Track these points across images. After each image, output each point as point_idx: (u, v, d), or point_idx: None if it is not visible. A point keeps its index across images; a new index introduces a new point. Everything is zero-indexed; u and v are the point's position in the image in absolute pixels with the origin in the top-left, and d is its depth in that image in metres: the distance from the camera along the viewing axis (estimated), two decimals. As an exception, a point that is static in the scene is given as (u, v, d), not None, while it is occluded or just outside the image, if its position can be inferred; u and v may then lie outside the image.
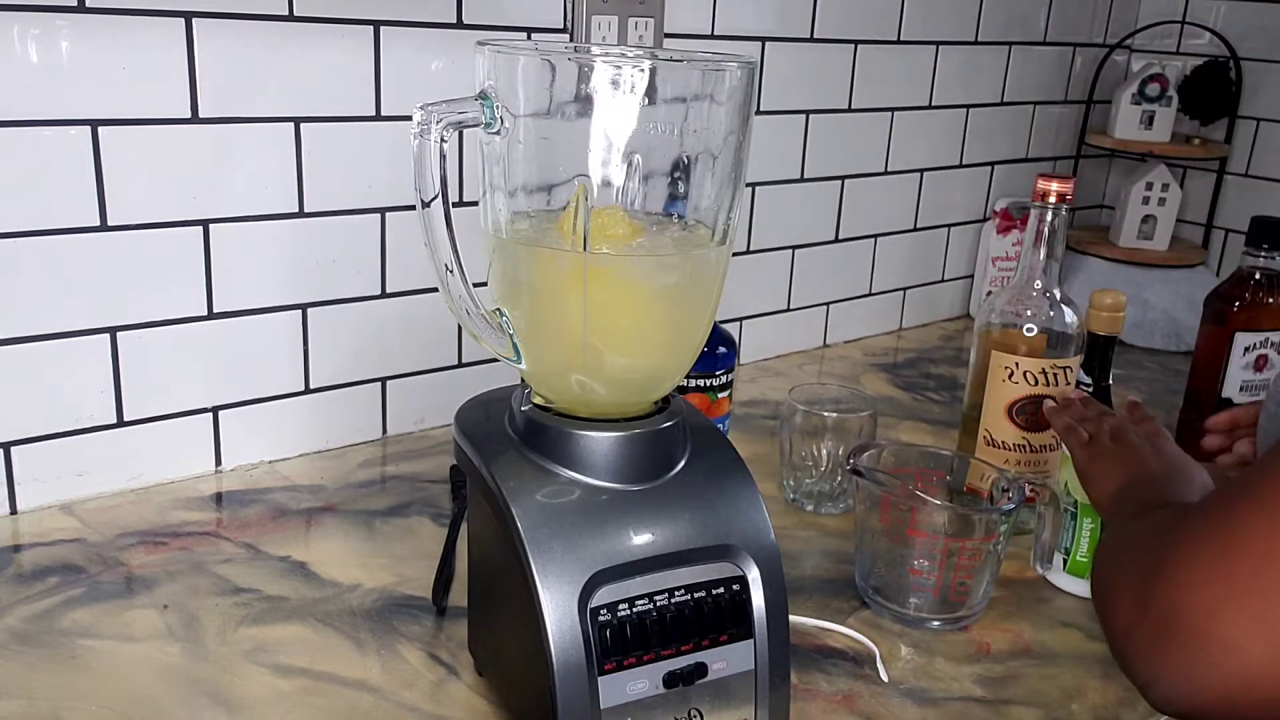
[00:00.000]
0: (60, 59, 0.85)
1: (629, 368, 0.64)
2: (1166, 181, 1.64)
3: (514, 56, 0.60)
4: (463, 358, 1.15)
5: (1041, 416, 0.96)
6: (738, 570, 0.64)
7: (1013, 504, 0.83)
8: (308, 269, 1.02)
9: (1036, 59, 1.64)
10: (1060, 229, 0.95)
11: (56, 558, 0.86)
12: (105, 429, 0.94)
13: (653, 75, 0.59)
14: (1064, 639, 0.84)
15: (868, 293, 1.56)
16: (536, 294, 0.63)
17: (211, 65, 0.92)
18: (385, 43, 1.01)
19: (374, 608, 0.82)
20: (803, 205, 1.42)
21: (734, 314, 1.39)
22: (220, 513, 0.95)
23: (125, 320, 0.93)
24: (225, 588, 0.83)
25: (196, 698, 0.71)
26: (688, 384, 0.98)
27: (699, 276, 0.64)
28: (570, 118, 0.59)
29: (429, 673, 0.75)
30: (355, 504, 0.98)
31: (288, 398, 1.04)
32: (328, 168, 1.01)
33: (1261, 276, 1.12)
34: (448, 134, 0.58)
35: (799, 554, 0.95)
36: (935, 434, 1.23)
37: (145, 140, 0.90)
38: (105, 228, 0.90)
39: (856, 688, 0.76)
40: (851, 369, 1.45)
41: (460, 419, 0.69)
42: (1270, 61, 1.65)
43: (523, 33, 1.10)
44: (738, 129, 0.63)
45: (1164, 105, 1.63)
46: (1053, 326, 0.96)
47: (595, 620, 0.60)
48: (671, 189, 0.63)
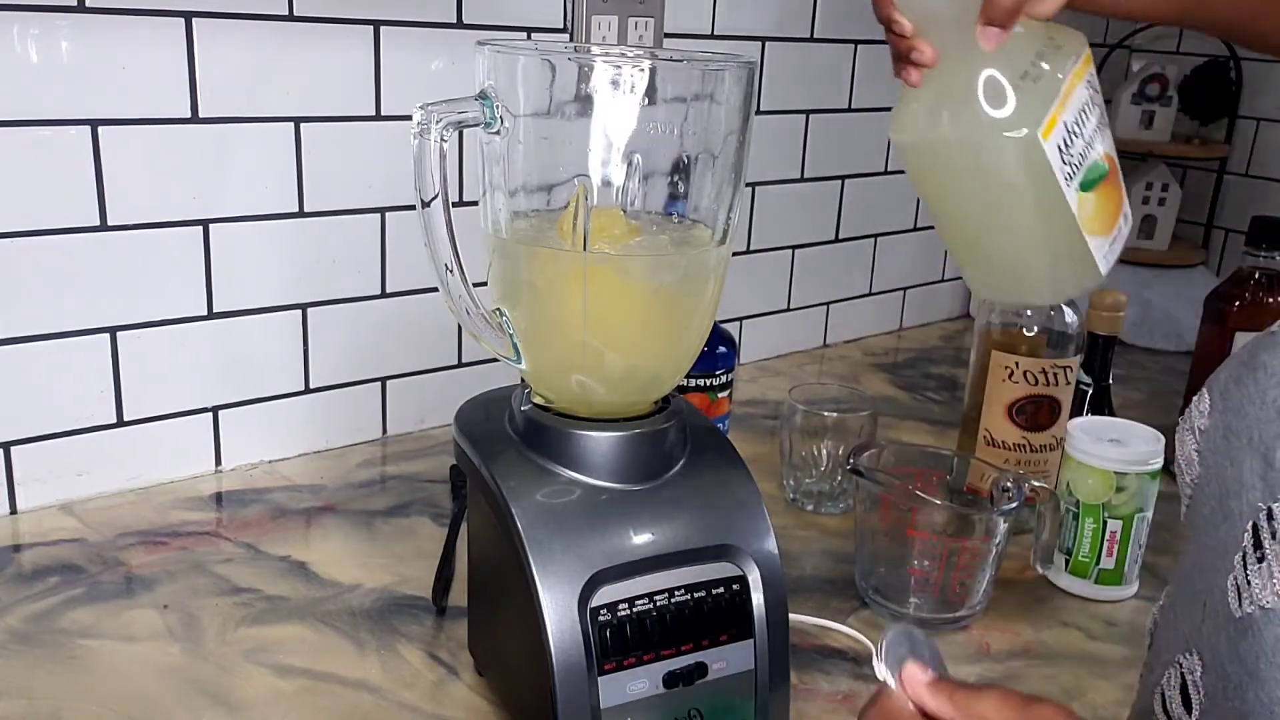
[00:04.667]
0: (60, 59, 0.85)
1: (629, 367, 0.64)
2: (1166, 181, 1.64)
3: (514, 56, 0.60)
4: (463, 358, 1.15)
5: (1042, 416, 0.96)
6: (738, 570, 0.64)
7: (1013, 504, 0.83)
8: (307, 269, 1.02)
9: (1036, 59, 1.64)
10: (1060, 229, 0.95)
11: (56, 558, 0.86)
12: (105, 429, 0.94)
13: (653, 75, 0.59)
14: (1064, 639, 0.84)
15: (868, 293, 1.56)
16: (536, 294, 0.63)
17: (211, 65, 0.92)
18: (385, 43, 1.01)
19: (374, 608, 0.82)
20: (803, 205, 1.42)
21: (734, 314, 1.39)
22: (220, 513, 0.95)
23: (125, 320, 0.93)
24: (225, 588, 0.83)
25: (196, 698, 0.71)
26: (688, 384, 0.98)
27: (699, 276, 0.64)
28: (570, 118, 0.59)
29: (429, 673, 0.75)
30: (355, 504, 0.98)
31: (287, 397, 1.04)
32: (328, 168, 1.01)
33: (1261, 276, 1.12)
34: (448, 134, 0.58)
35: (799, 554, 0.95)
36: (935, 434, 1.23)
37: (145, 140, 0.90)
38: (105, 228, 0.90)
39: (856, 688, 0.76)
40: (851, 369, 1.45)
41: (460, 419, 0.69)
42: (1270, 61, 1.64)
43: (523, 33, 1.10)
44: (738, 129, 0.63)
45: (1164, 105, 1.63)
46: (1053, 326, 0.96)
47: (595, 620, 0.60)
48: (671, 189, 0.63)
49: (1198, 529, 0.49)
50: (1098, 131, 0.64)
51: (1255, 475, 0.45)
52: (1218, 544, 0.47)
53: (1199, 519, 0.49)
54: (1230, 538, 0.46)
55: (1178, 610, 0.51)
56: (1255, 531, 0.44)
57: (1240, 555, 0.45)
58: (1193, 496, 0.50)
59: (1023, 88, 0.60)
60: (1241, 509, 0.46)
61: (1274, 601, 0.42)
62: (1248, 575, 0.44)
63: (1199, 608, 0.48)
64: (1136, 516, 0.88)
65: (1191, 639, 0.48)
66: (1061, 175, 0.61)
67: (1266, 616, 0.43)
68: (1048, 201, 0.62)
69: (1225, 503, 0.47)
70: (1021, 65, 0.61)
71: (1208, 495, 0.48)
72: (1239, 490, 0.46)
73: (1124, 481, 0.88)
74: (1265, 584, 0.43)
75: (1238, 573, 0.45)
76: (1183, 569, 0.52)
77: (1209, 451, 0.49)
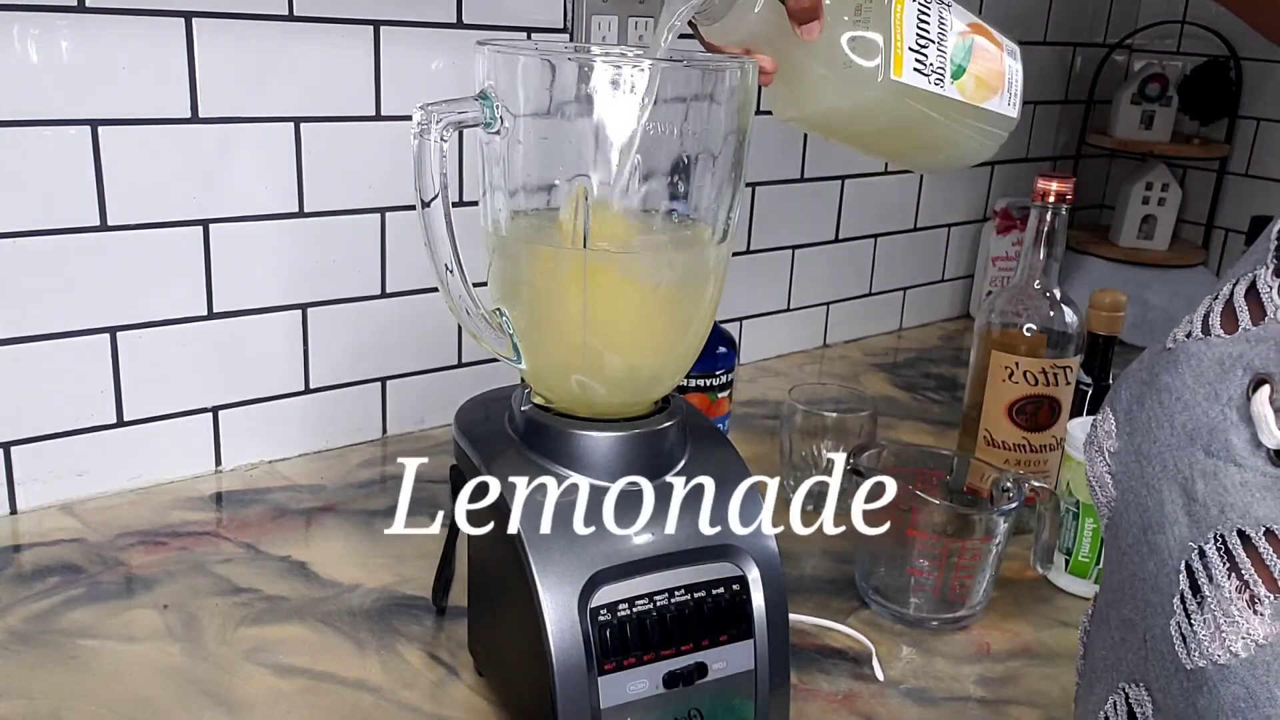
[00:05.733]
0: (60, 59, 0.85)
1: (629, 367, 0.64)
2: (1166, 181, 1.64)
3: (514, 56, 0.60)
4: (463, 358, 1.15)
5: (1042, 416, 0.96)
6: (738, 570, 0.64)
7: (1013, 504, 0.83)
8: (308, 269, 1.02)
9: (1036, 59, 1.64)
10: (1060, 229, 0.95)
11: (56, 558, 0.86)
12: (105, 429, 0.94)
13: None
14: (1064, 639, 0.84)
15: (868, 293, 1.56)
16: (536, 293, 0.63)
17: (211, 65, 0.92)
18: (385, 43, 1.01)
19: (374, 608, 0.82)
20: (803, 205, 1.42)
21: (734, 314, 1.39)
22: (220, 513, 0.95)
23: (125, 320, 0.93)
24: (225, 588, 0.83)
25: (196, 698, 0.71)
26: (688, 384, 0.98)
27: (699, 274, 0.64)
28: (570, 118, 0.59)
29: (429, 673, 0.75)
30: (355, 504, 0.98)
31: (287, 398, 1.04)
32: (328, 168, 1.01)
33: (1261, 276, 1.12)
34: (448, 134, 0.58)
35: (799, 554, 0.95)
36: (935, 434, 1.23)
37: (145, 140, 0.90)
38: (105, 228, 0.90)
39: (856, 688, 0.76)
40: (851, 369, 1.45)
41: (460, 419, 0.69)
42: (1270, 61, 1.65)
43: (523, 33, 1.10)
44: (738, 129, 0.63)
45: (1164, 105, 1.63)
46: (1053, 326, 0.96)
47: (595, 620, 0.60)
48: (671, 189, 0.63)
49: (1123, 553, 0.48)
50: (944, 23, 0.66)
51: (1178, 508, 0.44)
52: (1149, 578, 0.46)
53: (1124, 544, 0.48)
54: (1162, 575, 0.45)
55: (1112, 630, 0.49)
56: (1190, 573, 0.43)
57: (1178, 599, 0.44)
58: (1111, 519, 0.49)
59: (858, 48, 0.63)
60: (1169, 545, 0.44)
61: (1226, 658, 0.42)
62: (1192, 624, 0.43)
63: (1138, 639, 0.47)
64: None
65: (1137, 672, 0.47)
66: (932, 86, 0.65)
67: (1222, 674, 0.42)
68: (934, 109, 0.66)
69: (1149, 536, 0.46)
70: (848, 29, 0.63)
71: (1129, 523, 0.47)
72: (1162, 524, 0.45)
73: (1124, 481, 0.87)
74: (1213, 635, 0.42)
75: (1180, 619, 0.44)
76: (1109, 586, 0.50)
77: (1123, 475, 0.48)
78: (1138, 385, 0.48)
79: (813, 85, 0.65)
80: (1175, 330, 0.47)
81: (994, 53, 0.68)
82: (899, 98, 0.64)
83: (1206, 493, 0.43)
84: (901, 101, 0.64)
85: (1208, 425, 0.44)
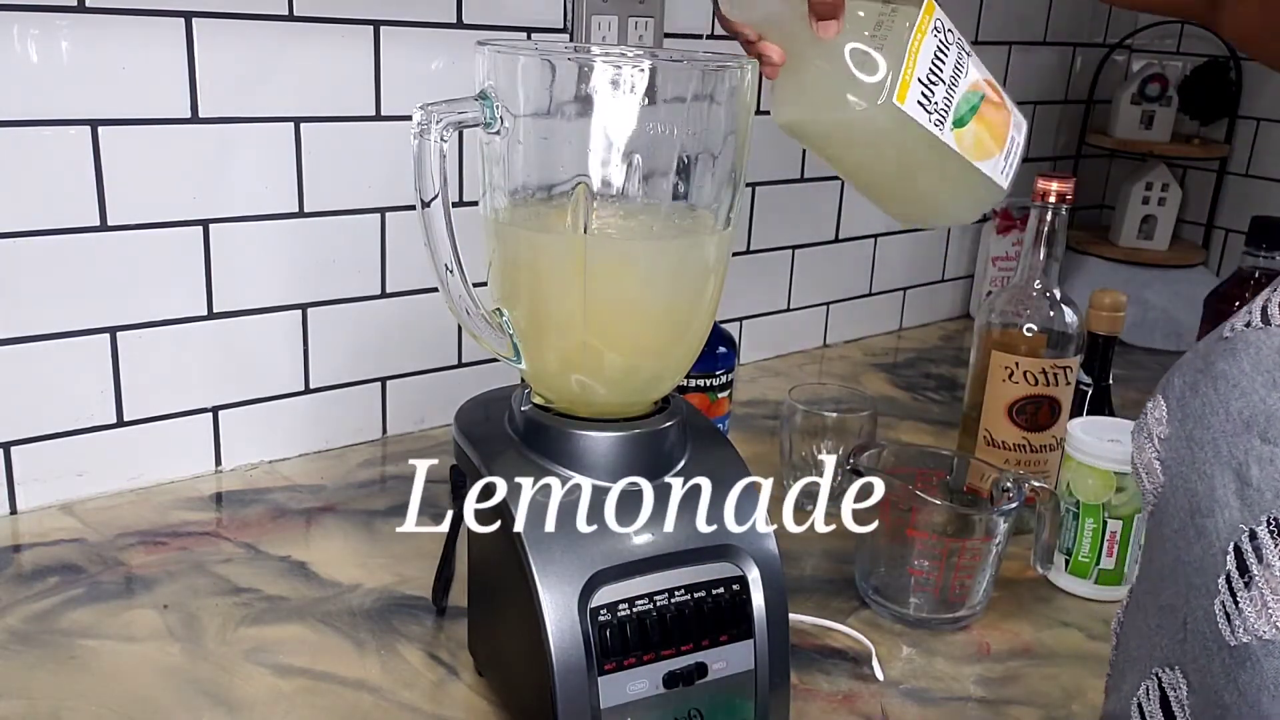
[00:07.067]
0: (60, 59, 0.85)
1: (629, 367, 0.64)
2: (1166, 181, 1.64)
3: (514, 56, 0.60)
4: (463, 358, 1.15)
5: (1042, 416, 0.96)
6: (738, 570, 0.64)
7: (1013, 504, 0.83)
8: (308, 269, 1.02)
9: (1036, 59, 1.64)
10: (1060, 229, 0.95)
11: (56, 558, 0.86)
12: (105, 429, 0.94)
13: (653, 75, 0.59)
14: (1064, 639, 0.85)
15: (868, 293, 1.56)
16: (536, 283, 0.63)
17: (211, 65, 0.92)
18: (385, 43, 1.01)
19: (374, 608, 0.82)
20: (803, 205, 1.42)
21: (734, 314, 1.39)
22: (220, 513, 0.95)
23: (125, 320, 0.93)
24: (225, 588, 0.83)
25: (196, 698, 0.71)
26: (688, 384, 0.98)
27: (699, 268, 0.64)
28: (570, 118, 0.59)
29: (429, 673, 0.75)
30: (355, 504, 0.98)
31: (287, 398, 1.04)
32: (328, 168, 1.01)
33: (1261, 276, 1.12)
34: (448, 134, 0.58)
35: (799, 554, 0.95)
36: (935, 434, 1.23)
37: (145, 140, 0.90)
38: (105, 228, 0.90)
39: (856, 688, 0.76)
40: (851, 369, 1.45)
41: (460, 419, 0.69)
42: (1270, 61, 1.64)
43: (523, 33, 1.10)
44: (738, 129, 0.63)
45: (1164, 105, 1.63)
46: (1053, 326, 0.96)
47: (595, 620, 0.60)
48: (671, 189, 0.63)
49: (1166, 539, 0.48)
50: (960, 69, 0.65)
51: (1230, 493, 0.44)
52: (1194, 561, 0.46)
53: (1167, 530, 0.48)
54: (1208, 557, 0.45)
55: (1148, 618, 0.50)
56: (1239, 554, 0.43)
57: (1224, 579, 0.44)
58: (1157, 505, 0.49)
59: (868, 62, 0.63)
60: (1218, 528, 0.45)
61: (1272, 633, 0.42)
62: (1237, 602, 0.43)
63: (1177, 624, 0.47)
64: (1137, 517, 0.88)
65: (1173, 656, 0.47)
66: (931, 125, 0.64)
67: (1266, 649, 0.42)
68: (927, 149, 0.65)
69: (1197, 519, 0.46)
70: (863, 41, 0.63)
71: (1175, 507, 0.47)
72: (1211, 507, 0.45)
73: (1124, 481, 0.88)
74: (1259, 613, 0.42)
75: (1225, 598, 0.44)
76: (1148, 575, 0.50)
77: (1172, 461, 0.48)
78: (1192, 372, 0.48)
79: (815, 87, 0.65)
80: (1233, 320, 0.47)
81: (1000, 115, 0.67)
82: (896, 124, 0.63)
83: (1261, 478, 0.43)
84: (896, 130, 0.63)
85: (1265, 412, 0.44)
